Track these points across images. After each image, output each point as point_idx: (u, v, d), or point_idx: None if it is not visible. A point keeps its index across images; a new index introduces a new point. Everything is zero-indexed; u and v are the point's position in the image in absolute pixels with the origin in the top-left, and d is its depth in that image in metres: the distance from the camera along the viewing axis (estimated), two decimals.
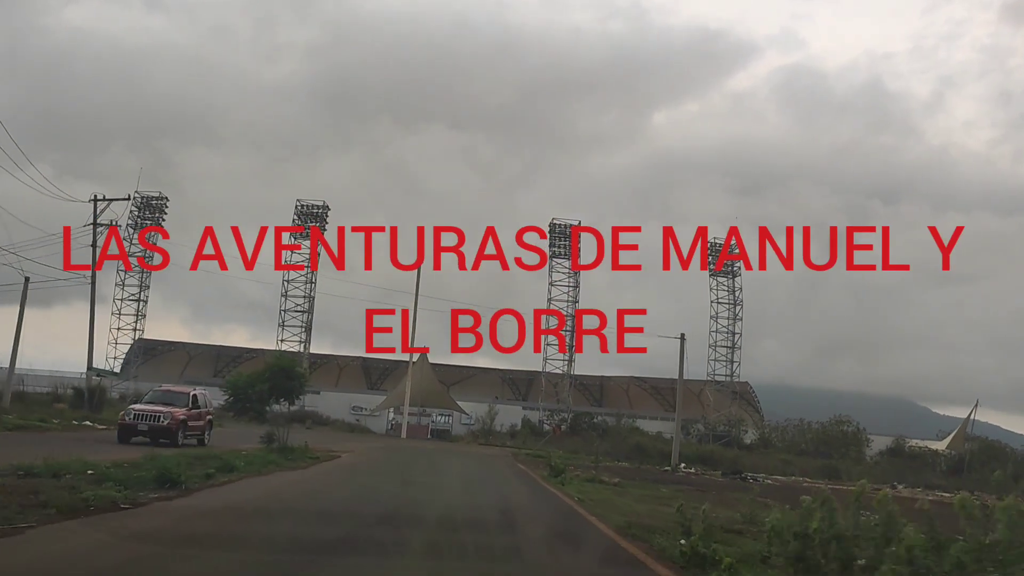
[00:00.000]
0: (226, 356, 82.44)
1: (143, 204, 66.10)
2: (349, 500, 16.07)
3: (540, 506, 18.30)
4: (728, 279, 67.50)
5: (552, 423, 62.91)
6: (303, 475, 20.13)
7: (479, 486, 22.31)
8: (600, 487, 23.21)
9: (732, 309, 67.09)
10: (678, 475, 38.56)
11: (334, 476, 21.73)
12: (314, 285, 65.05)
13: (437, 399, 61.97)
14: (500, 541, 11.43)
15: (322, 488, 17.93)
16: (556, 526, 14.39)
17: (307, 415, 59.33)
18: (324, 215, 65.63)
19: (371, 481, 21.10)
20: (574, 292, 65.48)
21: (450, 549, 10.13)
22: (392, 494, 17.36)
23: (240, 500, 13.74)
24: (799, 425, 68.62)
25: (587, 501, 18.19)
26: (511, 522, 14.06)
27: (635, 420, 65.57)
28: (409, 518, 13.26)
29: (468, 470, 28.49)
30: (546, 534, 12.89)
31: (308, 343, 65.27)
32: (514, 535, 12.38)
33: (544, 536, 12.66)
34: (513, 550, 10.62)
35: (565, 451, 44.92)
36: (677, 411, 52.49)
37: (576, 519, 15.37)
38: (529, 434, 59.46)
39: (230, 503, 13.09)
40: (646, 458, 47.48)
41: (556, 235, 65.64)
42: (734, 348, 66.74)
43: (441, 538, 11.01)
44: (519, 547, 10.97)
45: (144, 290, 65.94)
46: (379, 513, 13.74)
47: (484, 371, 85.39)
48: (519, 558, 10.10)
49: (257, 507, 13.22)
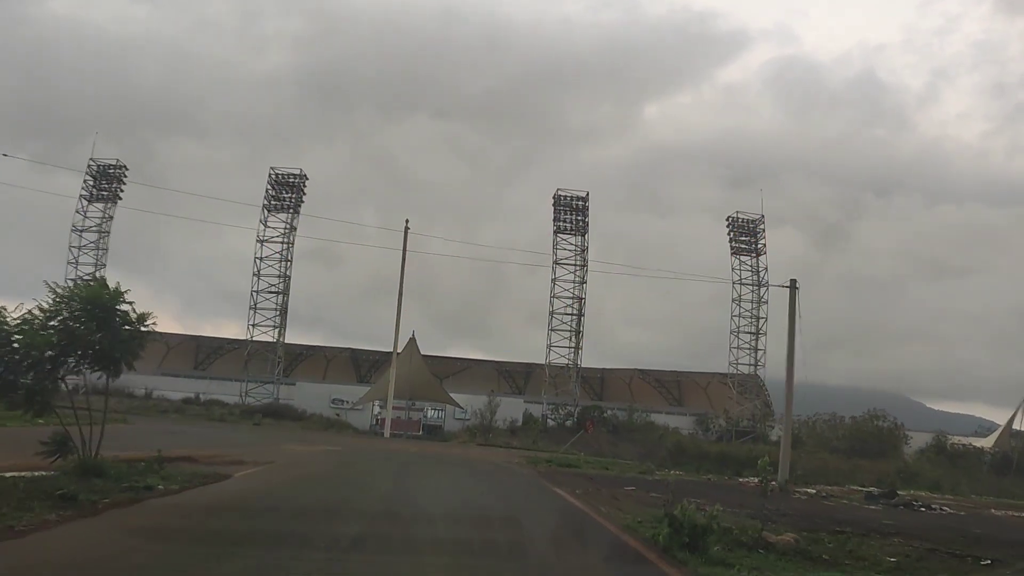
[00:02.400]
0: (207, 347, 76.24)
1: (98, 173, 59.06)
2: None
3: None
4: (752, 258, 60.78)
5: (589, 417, 53.90)
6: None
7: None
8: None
9: (756, 291, 60.34)
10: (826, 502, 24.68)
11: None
12: (290, 264, 58.08)
13: (428, 391, 54.92)
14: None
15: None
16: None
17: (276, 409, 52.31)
18: (301, 185, 58.60)
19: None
20: (581, 272, 58.60)
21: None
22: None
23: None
24: (830, 420, 61.80)
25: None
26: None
27: (648, 414, 58.71)
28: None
29: (474, 516, 14.46)
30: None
31: (283, 328, 58.21)
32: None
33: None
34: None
35: (588, 453, 37.28)
36: (787, 404, 36.11)
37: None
38: (539, 431, 50.96)
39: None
40: (701, 464, 37.51)
41: (561, 208, 58.78)
42: (758, 334, 59.97)
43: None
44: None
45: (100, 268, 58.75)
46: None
47: (479, 363, 79.04)
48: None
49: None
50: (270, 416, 50.40)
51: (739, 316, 59.95)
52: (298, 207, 58.49)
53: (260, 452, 23.62)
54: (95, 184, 59.12)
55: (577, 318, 58.05)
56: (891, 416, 62.68)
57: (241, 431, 39.37)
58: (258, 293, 57.42)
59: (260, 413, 49.96)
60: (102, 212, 59.10)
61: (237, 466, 18.40)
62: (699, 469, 35.52)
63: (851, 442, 58.69)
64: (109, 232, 59.13)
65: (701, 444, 44.04)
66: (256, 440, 31.30)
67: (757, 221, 60.53)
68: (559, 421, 56.52)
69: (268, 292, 57.52)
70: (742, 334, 59.87)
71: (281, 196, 58.46)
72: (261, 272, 57.49)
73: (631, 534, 12.36)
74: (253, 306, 57.29)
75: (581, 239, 58.75)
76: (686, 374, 79.30)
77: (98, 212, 59.08)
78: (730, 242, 60.81)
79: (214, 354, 74.91)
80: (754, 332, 59.98)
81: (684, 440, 46.32)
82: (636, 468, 29.28)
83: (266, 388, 57.10)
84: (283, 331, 58.09)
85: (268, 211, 58.15)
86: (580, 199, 58.63)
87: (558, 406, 57.60)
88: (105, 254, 58.85)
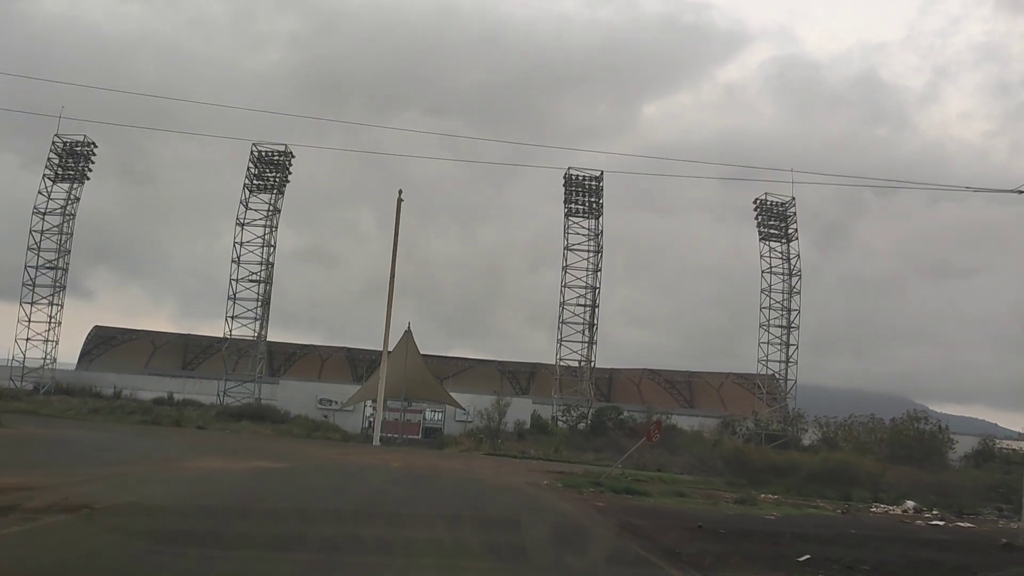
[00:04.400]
0: (195, 345, 71.12)
1: (65, 151, 53.58)
2: None
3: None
4: (782, 244, 55.32)
5: (654, 417, 45.01)
6: None
7: None
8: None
9: (787, 281, 54.86)
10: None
11: None
12: (273, 249, 52.55)
13: (426, 389, 49.38)
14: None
15: None
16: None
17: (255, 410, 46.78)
18: (286, 163, 53.10)
19: None
20: (595, 259, 53.06)
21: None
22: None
23: None
24: (868, 423, 56.27)
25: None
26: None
27: (669, 416, 53.06)
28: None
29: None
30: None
31: (266, 320, 52.57)
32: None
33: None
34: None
35: (628, 465, 29.76)
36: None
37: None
38: (563, 436, 43.50)
39: None
40: (785, 481, 29.26)
41: (573, 188, 53.30)
42: (790, 328, 54.47)
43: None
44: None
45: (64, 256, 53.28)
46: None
47: (480, 363, 73.95)
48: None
49: None
50: (248, 418, 44.93)
51: (769, 308, 54.50)
52: (283, 187, 53.07)
53: (122, 475, 15.96)
54: (60, 163, 53.66)
55: (591, 309, 52.55)
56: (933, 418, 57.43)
57: (169, 438, 32.32)
58: (237, 282, 51.89)
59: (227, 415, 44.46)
60: (67, 193, 53.63)
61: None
62: (792, 490, 27.22)
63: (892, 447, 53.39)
64: (75, 215, 53.71)
65: (766, 453, 36.42)
66: (164, 451, 23.97)
67: (787, 204, 55.15)
68: (571, 423, 50.99)
69: (249, 281, 52.01)
70: (773, 328, 54.41)
71: (264, 175, 53.00)
72: (241, 259, 52.00)
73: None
74: (232, 295, 51.75)
75: (595, 222, 53.31)
76: (698, 374, 74.54)
77: (63, 193, 53.61)
78: (758, 227, 55.41)
79: (203, 353, 69.95)
80: (785, 326, 54.51)
81: (745, 449, 38.18)
82: (711, 491, 22.36)
83: (247, 387, 51.52)
84: (265, 324, 52.53)
85: (249, 191, 52.68)
86: (594, 179, 53.20)
87: (570, 407, 52.09)
88: (70, 239, 53.40)
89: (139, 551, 8.84)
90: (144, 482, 15.63)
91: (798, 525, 16.25)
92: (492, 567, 9.37)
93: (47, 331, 52.34)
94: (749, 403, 61.45)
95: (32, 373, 52.36)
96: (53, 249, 53.01)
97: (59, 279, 52.89)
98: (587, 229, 53.20)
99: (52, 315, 52.56)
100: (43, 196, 53.12)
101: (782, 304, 54.69)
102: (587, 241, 53.02)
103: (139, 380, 55.39)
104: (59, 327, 52.77)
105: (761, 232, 55.26)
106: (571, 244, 52.97)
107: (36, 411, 40.64)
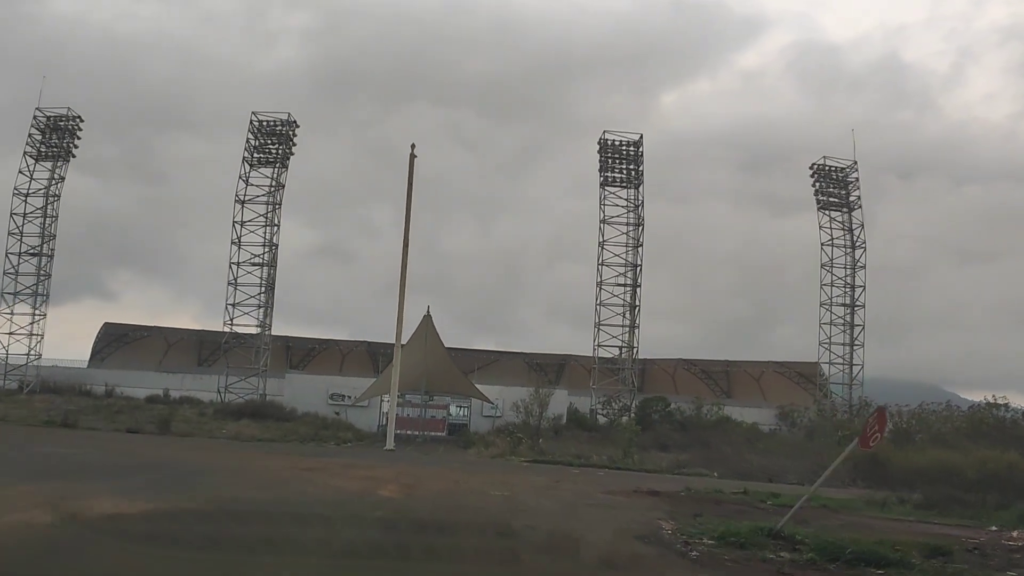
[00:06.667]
0: (212, 342, 66.02)
1: (48, 126, 48.71)
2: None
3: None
4: (843, 214, 49.49)
5: (878, 410, 33.84)
6: None
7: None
8: None
9: (850, 254, 49.02)
10: None
11: None
12: (276, 229, 47.33)
13: (448, 381, 43.89)
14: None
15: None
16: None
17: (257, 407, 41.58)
18: (290, 133, 47.90)
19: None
20: (635, 233, 47.40)
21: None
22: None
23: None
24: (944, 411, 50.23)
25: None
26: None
27: (721, 407, 47.29)
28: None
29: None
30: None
31: (270, 308, 47.37)
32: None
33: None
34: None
35: (729, 474, 24.71)
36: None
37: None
38: (633, 434, 33.39)
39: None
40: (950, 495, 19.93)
41: (609, 155, 47.74)
42: (854, 307, 48.61)
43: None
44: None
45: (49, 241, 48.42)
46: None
47: (506, 355, 68.33)
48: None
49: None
50: (250, 417, 39.64)
51: (831, 285, 48.68)
52: (286, 160, 47.86)
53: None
54: (43, 139, 48.77)
55: (632, 290, 46.90)
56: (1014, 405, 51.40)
57: (81, 445, 23.86)
58: (238, 266, 46.68)
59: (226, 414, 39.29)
60: (50, 172, 48.72)
61: None
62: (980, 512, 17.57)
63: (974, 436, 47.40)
64: (59, 196, 48.79)
65: (910, 455, 28.13)
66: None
67: (849, 169, 49.30)
68: (612, 417, 45.40)
69: (251, 264, 46.80)
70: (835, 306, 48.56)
71: (266, 147, 47.82)
72: (242, 240, 46.83)
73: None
74: (233, 280, 46.57)
75: (635, 192, 47.70)
76: (735, 363, 68.70)
77: (45, 172, 48.72)
78: (816, 195, 49.63)
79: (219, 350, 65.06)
80: (849, 304, 48.65)
81: (883, 449, 30.29)
82: (920, 523, 14.86)
83: (250, 382, 46.34)
84: (270, 312, 47.35)
85: (250, 165, 47.49)
86: (633, 144, 47.61)
87: (610, 398, 46.51)
88: (55, 222, 48.47)
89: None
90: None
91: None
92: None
93: (30, 324, 47.51)
94: (790, 392, 56.00)
95: (15, 371, 47.53)
96: (36, 234, 48.20)
97: (43, 267, 48.01)
98: (625, 200, 47.61)
99: (36, 306, 47.72)
100: (24, 176, 48.29)
101: (844, 280, 48.91)
102: (626, 213, 47.42)
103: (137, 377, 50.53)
104: (44, 320, 47.97)
105: (819, 201, 49.50)
106: (608, 217, 47.40)
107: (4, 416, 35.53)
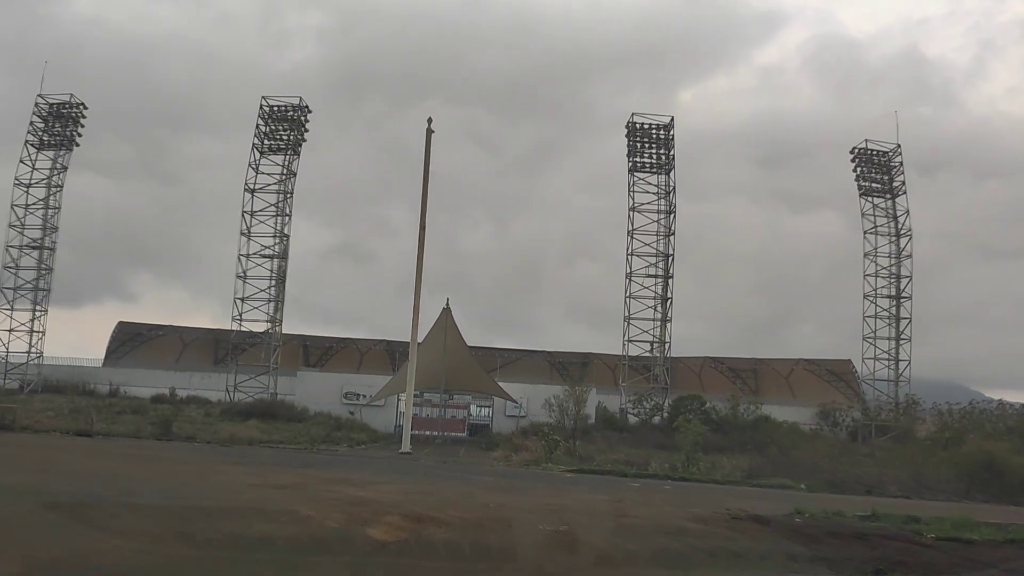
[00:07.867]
0: (227, 341, 63.84)
1: (51, 113, 46.65)
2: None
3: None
4: (887, 200, 46.61)
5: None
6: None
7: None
8: None
9: (895, 243, 46.12)
10: None
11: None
12: (288, 220, 45.01)
13: (469, 378, 41.45)
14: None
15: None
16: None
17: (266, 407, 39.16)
18: (301, 118, 45.60)
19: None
20: (667, 221, 44.75)
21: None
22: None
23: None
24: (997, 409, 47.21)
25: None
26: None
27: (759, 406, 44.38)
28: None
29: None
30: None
31: (280, 302, 45.04)
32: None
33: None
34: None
35: (821, 486, 21.53)
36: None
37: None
38: (699, 436, 27.31)
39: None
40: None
41: (638, 139, 45.12)
42: (899, 299, 45.71)
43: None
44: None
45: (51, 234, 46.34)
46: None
47: (528, 354, 65.94)
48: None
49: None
50: (258, 417, 37.23)
51: (875, 275, 45.80)
52: (297, 147, 45.54)
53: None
54: (45, 127, 46.73)
55: (664, 281, 44.21)
56: None
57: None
58: (248, 258, 44.41)
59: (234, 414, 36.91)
60: (52, 161, 46.67)
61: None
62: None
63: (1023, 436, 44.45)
64: (62, 187, 46.72)
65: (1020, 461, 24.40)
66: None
67: (892, 153, 46.43)
68: (645, 417, 42.73)
69: (261, 256, 44.51)
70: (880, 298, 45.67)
71: (276, 134, 45.54)
72: (253, 231, 44.54)
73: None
74: (242, 273, 44.27)
75: (666, 178, 45.04)
76: (764, 361, 66.00)
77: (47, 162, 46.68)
78: (857, 180, 46.78)
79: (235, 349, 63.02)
80: (894, 296, 45.76)
81: (992, 453, 25.89)
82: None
83: (260, 381, 44.02)
84: (280, 305, 45.01)
85: (260, 152, 45.22)
86: (663, 128, 44.97)
87: (641, 397, 43.82)
88: (57, 214, 46.40)
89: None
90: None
91: None
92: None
93: (31, 321, 45.39)
94: (821, 391, 53.37)
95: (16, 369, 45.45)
96: (38, 226, 46.14)
97: (45, 260, 45.92)
98: (656, 186, 44.97)
99: (37, 301, 45.59)
100: (26, 166, 46.25)
101: (889, 271, 46.03)
102: (656, 200, 44.77)
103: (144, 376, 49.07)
104: (45, 316, 45.85)
105: (861, 187, 46.68)
106: (637, 204, 44.76)
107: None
